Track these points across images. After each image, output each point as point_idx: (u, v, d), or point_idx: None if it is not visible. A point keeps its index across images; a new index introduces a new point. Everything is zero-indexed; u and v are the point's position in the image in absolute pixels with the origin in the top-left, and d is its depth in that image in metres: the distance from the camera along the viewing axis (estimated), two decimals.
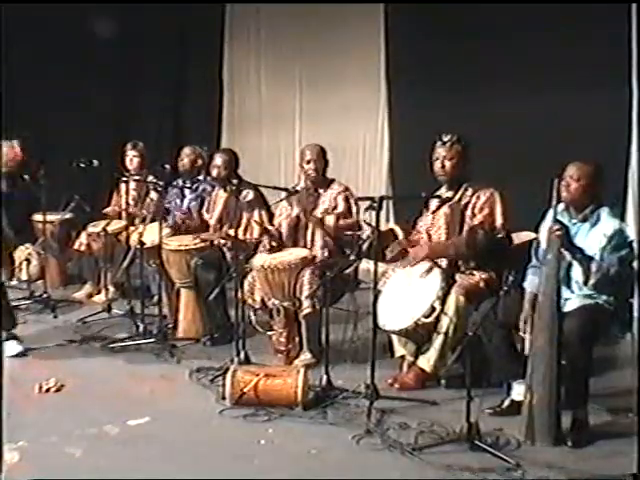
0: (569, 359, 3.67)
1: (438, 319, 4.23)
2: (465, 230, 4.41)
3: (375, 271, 4.13)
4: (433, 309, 4.21)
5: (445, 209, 4.51)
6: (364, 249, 4.42)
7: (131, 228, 5.91)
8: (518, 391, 3.95)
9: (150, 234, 5.50)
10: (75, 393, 4.42)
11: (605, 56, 5.55)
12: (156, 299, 5.72)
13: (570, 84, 5.75)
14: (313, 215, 5.02)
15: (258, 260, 4.85)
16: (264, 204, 5.43)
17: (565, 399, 3.72)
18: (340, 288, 4.81)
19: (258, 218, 5.30)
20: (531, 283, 4.02)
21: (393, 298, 4.38)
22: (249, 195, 5.35)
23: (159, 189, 5.70)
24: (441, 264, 4.43)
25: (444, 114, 6.22)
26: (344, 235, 4.95)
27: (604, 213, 3.89)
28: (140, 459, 3.64)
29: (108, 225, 6.25)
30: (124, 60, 8.42)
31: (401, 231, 4.66)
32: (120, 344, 5.22)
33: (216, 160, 5.61)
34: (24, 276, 6.82)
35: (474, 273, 4.40)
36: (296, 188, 5.19)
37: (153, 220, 5.60)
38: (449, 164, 4.45)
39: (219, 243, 5.43)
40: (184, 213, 5.94)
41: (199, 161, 6.12)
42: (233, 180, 5.27)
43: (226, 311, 5.26)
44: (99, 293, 6.45)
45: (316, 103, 7.78)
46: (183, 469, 3.52)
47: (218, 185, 5.71)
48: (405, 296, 4.35)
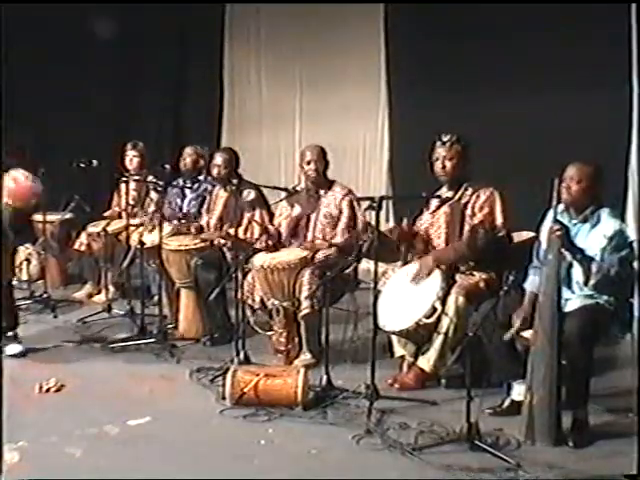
0: (569, 359, 3.67)
1: (438, 319, 4.23)
2: (465, 230, 4.41)
3: (375, 271, 4.13)
4: (434, 309, 4.21)
5: (445, 208, 4.51)
6: (364, 250, 4.42)
7: (131, 228, 5.91)
8: (518, 391, 3.95)
9: (150, 234, 5.51)
10: (75, 393, 4.42)
11: (605, 56, 5.54)
12: (156, 299, 5.72)
13: (570, 84, 5.74)
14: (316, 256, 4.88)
15: (258, 260, 4.85)
16: (265, 204, 5.43)
17: (565, 399, 3.72)
18: (340, 288, 4.81)
19: (259, 218, 5.30)
20: (532, 283, 4.02)
21: (393, 298, 4.37)
22: (251, 194, 5.34)
23: (159, 189, 5.69)
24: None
25: (444, 114, 6.21)
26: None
27: (604, 214, 3.89)
28: (140, 459, 3.64)
29: (108, 225, 6.26)
30: (124, 60, 8.41)
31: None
32: (120, 344, 5.22)
33: (216, 159, 5.61)
34: (24, 276, 6.83)
35: (474, 273, 4.41)
36: (296, 188, 5.19)
37: (152, 220, 5.62)
38: (449, 164, 4.45)
39: (219, 243, 5.43)
40: (185, 215, 5.94)
41: (201, 161, 6.12)
42: (233, 179, 5.26)
43: (226, 311, 5.25)
44: (99, 293, 6.45)
45: (316, 103, 7.78)
46: (183, 469, 3.52)
47: (218, 184, 5.71)
48: (405, 296, 4.35)
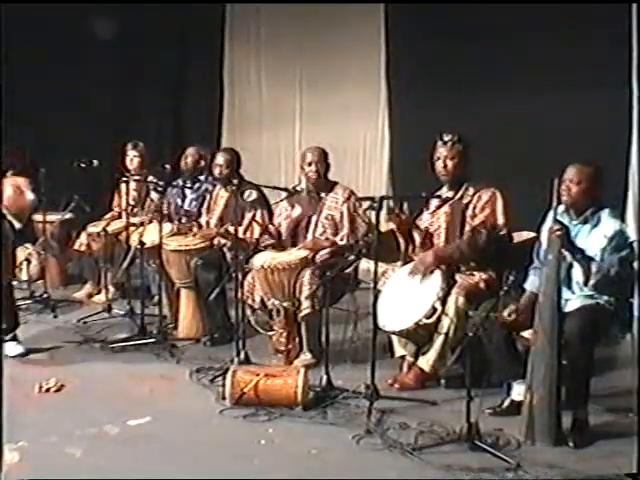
0: (569, 359, 3.67)
1: (438, 319, 4.23)
2: (466, 230, 4.41)
3: (375, 271, 4.13)
4: (434, 310, 4.21)
5: (445, 208, 4.51)
6: (364, 250, 4.42)
7: (131, 228, 5.91)
8: (518, 391, 3.95)
9: (150, 234, 5.51)
10: (75, 393, 4.42)
11: (605, 56, 5.55)
12: (156, 299, 5.73)
13: (570, 84, 5.74)
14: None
15: (258, 260, 4.85)
16: (266, 204, 5.43)
17: (565, 399, 3.72)
18: (340, 288, 4.81)
19: (260, 218, 5.29)
20: (532, 284, 4.03)
21: (393, 298, 4.37)
22: (252, 195, 5.34)
23: (159, 189, 5.70)
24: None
25: (444, 114, 6.21)
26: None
27: (604, 214, 3.89)
28: (140, 459, 3.64)
29: (108, 225, 6.26)
30: (124, 60, 8.41)
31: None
32: (120, 344, 5.22)
33: (218, 159, 5.61)
34: (24, 276, 6.83)
35: (474, 273, 4.40)
36: (296, 188, 5.18)
37: (151, 221, 5.62)
38: (451, 163, 4.44)
39: (219, 242, 5.43)
40: (186, 215, 5.94)
41: (202, 162, 6.12)
42: (234, 180, 5.27)
43: (226, 311, 5.25)
44: (99, 293, 6.45)
45: (316, 103, 7.77)
46: (183, 469, 3.52)
47: (219, 184, 5.71)
48: (405, 296, 4.34)
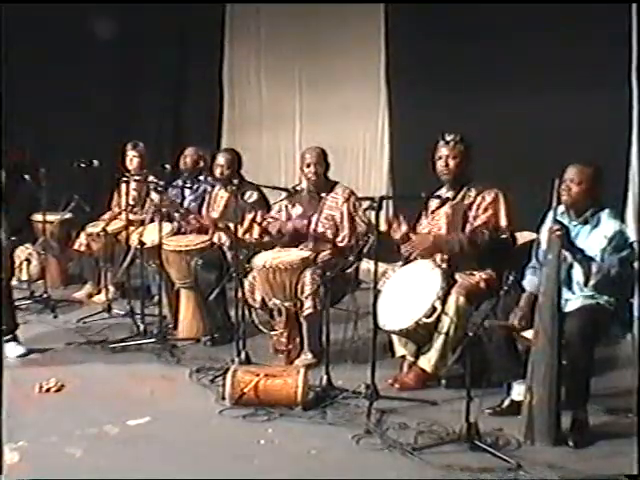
0: (570, 359, 3.67)
1: (438, 319, 4.23)
2: (468, 230, 4.40)
3: (375, 271, 4.13)
4: (434, 309, 4.20)
5: (446, 209, 4.50)
6: (364, 250, 4.42)
7: (131, 228, 5.91)
8: (518, 391, 3.95)
9: (150, 234, 5.51)
10: (75, 393, 4.42)
11: (605, 56, 5.55)
12: (156, 299, 5.72)
13: (570, 84, 5.74)
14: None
15: (259, 260, 4.85)
16: (266, 205, 5.43)
17: (565, 399, 3.72)
18: (341, 289, 4.81)
19: (260, 219, 5.29)
20: (530, 283, 4.02)
21: (393, 298, 4.37)
22: (253, 196, 5.35)
23: (159, 189, 5.70)
24: (441, 264, 4.43)
25: (444, 114, 6.21)
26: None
27: (604, 215, 3.89)
28: (140, 459, 3.64)
29: (108, 225, 6.26)
30: (124, 60, 8.41)
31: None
32: (120, 344, 5.22)
33: (219, 159, 5.61)
34: (24, 276, 6.83)
35: (474, 273, 4.40)
36: (296, 188, 5.18)
37: (152, 220, 5.62)
38: (452, 163, 4.44)
39: (219, 240, 5.43)
40: (185, 214, 5.94)
41: (201, 162, 6.12)
42: (234, 180, 5.27)
43: (226, 311, 5.25)
44: (99, 293, 6.44)
45: (316, 103, 7.77)
46: (183, 469, 3.52)
47: (220, 185, 5.71)
48: (405, 296, 4.35)
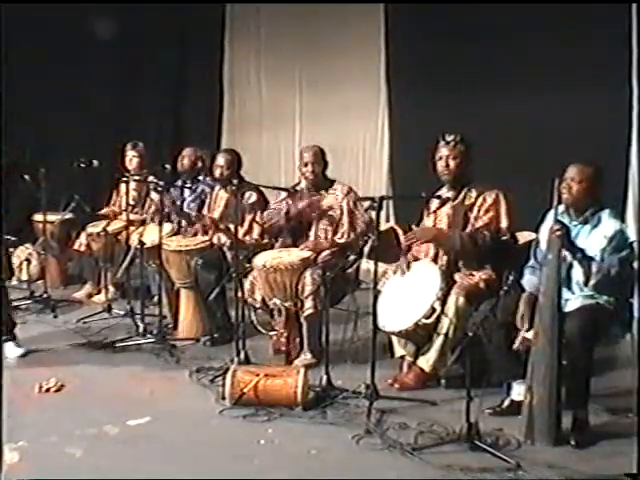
0: (570, 359, 3.67)
1: (438, 320, 4.23)
2: (469, 230, 4.40)
3: (375, 271, 4.13)
4: (433, 310, 4.20)
5: (447, 209, 4.50)
6: (367, 249, 4.42)
7: (131, 228, 5.91)
8: (518, 391, 3.95)
9: (150, 234, 5.51)
10: (75, 393, 4.42)
11: (605, 56, 5.55)
12: (156, 299, 5.73)
13: (570, 84, 5.75)
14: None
15: (259, 260, 4.85)
16: (266, 205, 5.42)
17: (566, 399, 3.72)
18: (342, 289, 4.81)
19: (260, 220, 5.29)
20: (528, 282, 4.02)
21: (393, 299, 4.37)
22: (252, 197, 5.37)
23: (159, 189, 5.70)
24: (441, 265, 4.44)
25: (444, 114, 6.22)
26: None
27: (604, 215, 3.89)
28: (140, 459, 3.64)
29: (108, 225, 6.26)
30: (124, 60, 8.41)
31: (401, 231, 4.67)
32: (120, 344, 5.22)
33: (219, 160, 5.59)
34: (24, 276, 6.83)
35: (474, 273, 4.40)
36: (296, 188, 5.18)
37: (153, 220, 5.62)
38: (453, 163, 4.43)
39: (219, 241, 5.43)
40: (184, 215, 5.94)
41: (199, 163, 6.12)
42: (234, 180, 5.27)
43: (226, 311, 5.25)
44: (99, 293, 6.44)
45: (316, 103, 7.78)
46: (183, 469, 3.52)
47: (219, 185, 5.71)
48: (405, 297, 4.34)
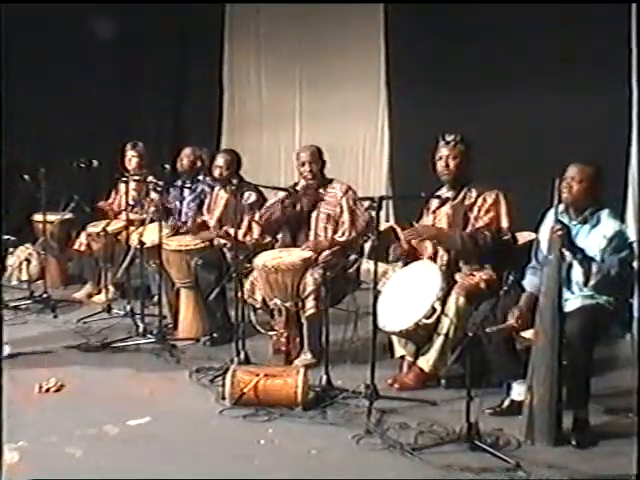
0: (570, 359, 3.67)
1: (438, 320, 4.23)
2: (470, 230, 4.40)
3: (375, 271, 4.13)
4: (434, 310, 4.20)
5: (447, 209, 4.50)
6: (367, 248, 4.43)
7: (131, 228, 5.91)
8: (518, 391, 3.95)
9: (150, 234, 5.51)
10: (75, 393, 4.42)
11: (605, 56, 5.55)
12: (156, 299, 5.72)
13: (570, 84, 5.75)
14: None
15: (260, 260, 4.84)
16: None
17: (566, 399, 3.72)
18: (342, 288, 4.82)
19: (259, 216, 5.29)
20: (530, 283, 4.02)
21: (393, 299, 4.37)
22: (251, 197, 5.36)
23: (159, 189, 5.69)
24: (441, 265, 4.44)
25: (444, 114, 6.22)
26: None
27: (604, 214, 3.90)
28: (140, 459, 3.64)
29: (108, 225, 6.26)
30: (124, 60, 8.41)
31: (401, 230, 4.66)
32: (120, 344, 5.22)
33: (218, 160, 5.60)
34: (24, 276, 6.83)
35: (474, 274, 4.40)
36: (296, 188, 5.18)
37: (152, 220, 5.61)
38: (453, 163, 4.43)
39: (219, 243, 5.43)
40: (183, 217, 5.95)
41: (198, 162, 6.12)
42: (233, 180, 5.27)
43: (226, 311, 5.25)
44: (99, 293, 6.44)
45: (316, 103, 7.77)
46: (183, 469, 3.52)
47: (219, 185, 5.71)
48: (405, 297, 4.34)
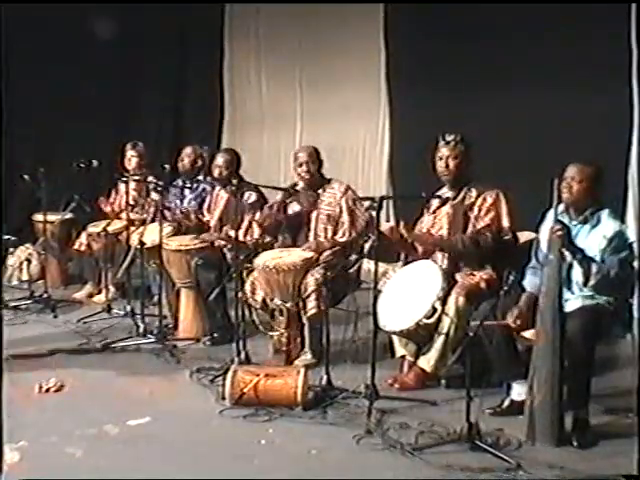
0: (571, 359, 3.67)
1: (439, 319, 4.23)
2: (469, 231, 4.40)
3: (375, 271, 4.13)
4: (434, 310, 4.20)
5: (447, 209, 4.50)
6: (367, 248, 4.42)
7: (131, 228, 5.91)
8: (518, 391, 3.96)
9: (150, 234, 5.51)
10: (75, 393, 4.42)
11: (605, 56, 5.55)
12: (156, 299, 5.72)
13: (570, 84, 5.75)
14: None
15: (260, 260, 4.84)
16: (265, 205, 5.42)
17: (567, 399, 3.71)
18: (343, 288, 4.82)
19: (259, 219, 5.29)
20: (530, 283, 4.03)
21: (393, 298, 4.37)
22: (252, 197, 5.36)
23: (159, 189, 5.70)
24: (442, 264, 4.44)
25: (444, 114, 6.21)
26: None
27: (604, 215, 3.90)
28: (140, 459, 3.64)
29: (108, 225, 6.26)
30: (124, 60, 8.40)
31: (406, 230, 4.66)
32: (120, 344, 5.22)
33: (218, 160, 5.60)
34: (24, 276, 6.83)
35: (474, 273, 4.40)
36: (296, 188, 5.18)
37: (153, 220, 5.61)
38: (453, 163, 4.43)
39: (219, 243, 5.43)
40: (182, 212, 5.95)
41: (199, 161, 6.12)
42: (233, 180, 5.27)
43: (226, 311, 5.25)
44: (99, 293, 6.44)
45: (316, 103, 7.77)
46: (183, 469, 3.52)
47: (219, 185, 5.71)
48: (406, 296, 4.34)
